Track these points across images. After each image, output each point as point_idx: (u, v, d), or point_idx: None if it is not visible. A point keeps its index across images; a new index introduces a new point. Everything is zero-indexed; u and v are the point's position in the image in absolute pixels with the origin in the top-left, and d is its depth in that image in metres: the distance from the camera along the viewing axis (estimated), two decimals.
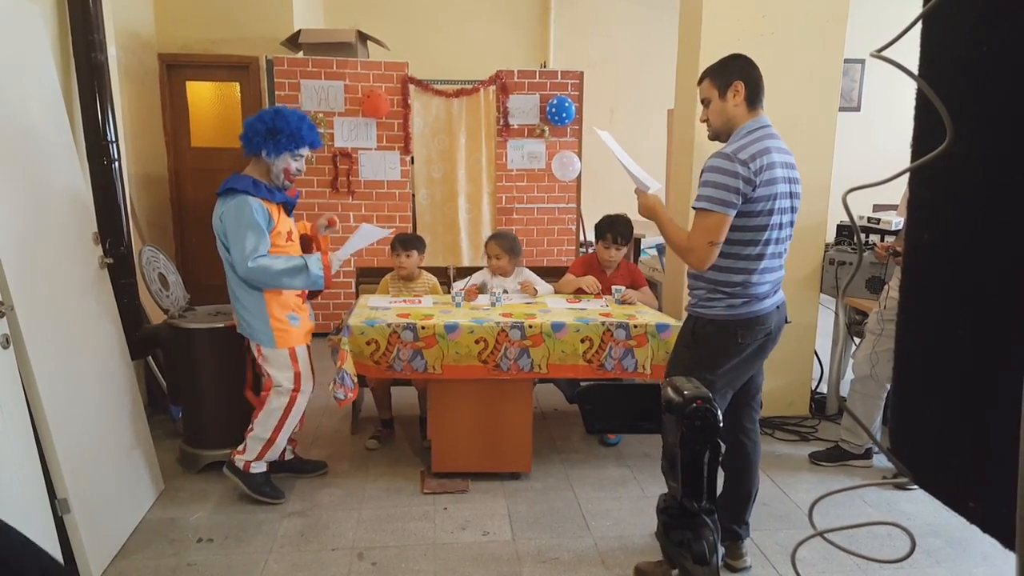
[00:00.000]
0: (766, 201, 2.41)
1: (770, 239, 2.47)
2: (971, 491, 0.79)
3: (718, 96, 2.54)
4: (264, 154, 3.02)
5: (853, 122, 7.17)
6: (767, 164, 2.38)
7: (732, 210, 2.37)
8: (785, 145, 2.55)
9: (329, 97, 5.65)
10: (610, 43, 7.67)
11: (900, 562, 2.80)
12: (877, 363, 3.46)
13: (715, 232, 2.39)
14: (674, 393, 1.04)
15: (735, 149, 2.40)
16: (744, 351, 2.56)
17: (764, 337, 2.57)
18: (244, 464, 3.19)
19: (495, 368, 3.29)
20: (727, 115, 2.53)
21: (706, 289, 2.56)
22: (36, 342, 2.47)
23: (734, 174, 2.35)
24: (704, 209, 2.40)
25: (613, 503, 3.30)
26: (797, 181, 2.55)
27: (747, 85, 2.49)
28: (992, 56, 0.72)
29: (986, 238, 0.75)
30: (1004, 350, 0.72)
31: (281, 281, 2.99)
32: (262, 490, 3.22)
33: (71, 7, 3.48)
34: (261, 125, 2.99)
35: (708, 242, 2.41)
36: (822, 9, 3.89)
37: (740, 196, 2.36)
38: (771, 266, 2.52)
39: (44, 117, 2.92)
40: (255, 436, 3.16)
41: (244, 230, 2.92)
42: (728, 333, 2.53)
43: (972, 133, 0.74)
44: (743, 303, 2.51)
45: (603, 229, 3.97)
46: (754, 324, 2.53)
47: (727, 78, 2.52)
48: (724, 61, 2.57)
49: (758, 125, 2.49)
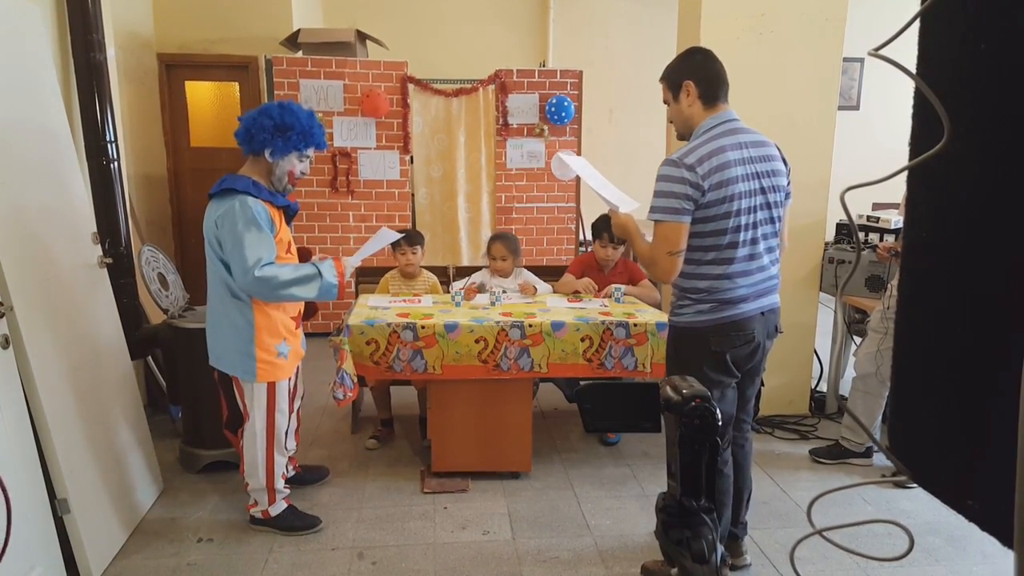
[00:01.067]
0: (720, 204, 2.30)
1: (736, 241, 2.36)
2: (970, 489, 0.79)
3: (672, 98, 2.49)
4: (268, 153, 2.70)
5: (852, 121, 7.17)
6: (718, 165, 2.29)
7: (685, 216, 2.30)
8: (760, 136, 2.45)
9: (328, 97, 5.65)
10: (609, 42, 7.67)
11: (899, 560, 2.81)
12: (883, 362, 3.46)
13: (672, 241, 2.31)
14: (673, 392, 1.04)
15: (682, 154, 2.32)
16: (722, 357, 2.43)
17: (745, 344, 2.44)
18: (262, 513, 2.98)
19: (495, 368, 3.29)
20: (683, 116, 2.47)
21: (676, 296, 2.50)
22: (35, 342, 2.47)
23: (680, 180, 2.28)
24: (657, 220, 2.33)
25: (613, 502, 3.30)
26: (776, 173, 2.42)
27: (698, 83, 2.41)
28: (989, 55, 0.72)
29: (984, 236, 0.75)
30: (1002, 348, 0.72)
31: (291, 291, 2.64)
32: (294, 525, 2.99)
33: (70, 7, 3.48)
34: (268, 121, 2.66)
35: (667, 252, 2.33)
36: (821, 8, 3.89)
37: (691, 201, 2.29)
38: (744, 269, 2.39)
39: (43, 117, 2.92)
40: (254, 488, 2.95)
41: (246, 234, 2.58)
42: (700, 340, 2.43)
43: (969, 131, 0.74)
44: (711, 308, 2.40)
45: (599, 228, 3.98)
46: (728, 330, 2.40)
47: (677, 79, 2.46)
48: (676, 60, 2.52)
49: (716, 122, 2.39)
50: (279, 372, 2.81)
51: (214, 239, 2.66)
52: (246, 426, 2.87)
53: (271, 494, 2.96)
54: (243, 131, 2.72)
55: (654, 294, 3.99)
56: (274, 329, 2.77)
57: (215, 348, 2.81)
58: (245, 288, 2.64)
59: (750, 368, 2.54)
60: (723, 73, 2.43)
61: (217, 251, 2.67)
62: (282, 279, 2.61)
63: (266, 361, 2.75)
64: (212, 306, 2.78)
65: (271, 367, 2.77)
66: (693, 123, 2.45)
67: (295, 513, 3.04)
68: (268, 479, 2.92)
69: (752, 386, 2.66)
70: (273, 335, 2.77)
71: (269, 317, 2.75)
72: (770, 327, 2.52)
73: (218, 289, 2.72)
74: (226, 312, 2.72)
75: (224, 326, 2.74)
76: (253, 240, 2.59)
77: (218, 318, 2.75)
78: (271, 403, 2.82)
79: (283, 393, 2.86)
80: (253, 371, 2.73)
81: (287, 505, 3.04)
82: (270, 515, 2.99)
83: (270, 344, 2.75)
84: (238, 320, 2.71)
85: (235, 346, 2.73)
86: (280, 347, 2.79)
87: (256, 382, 2.76)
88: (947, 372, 0.82)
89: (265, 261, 2.60)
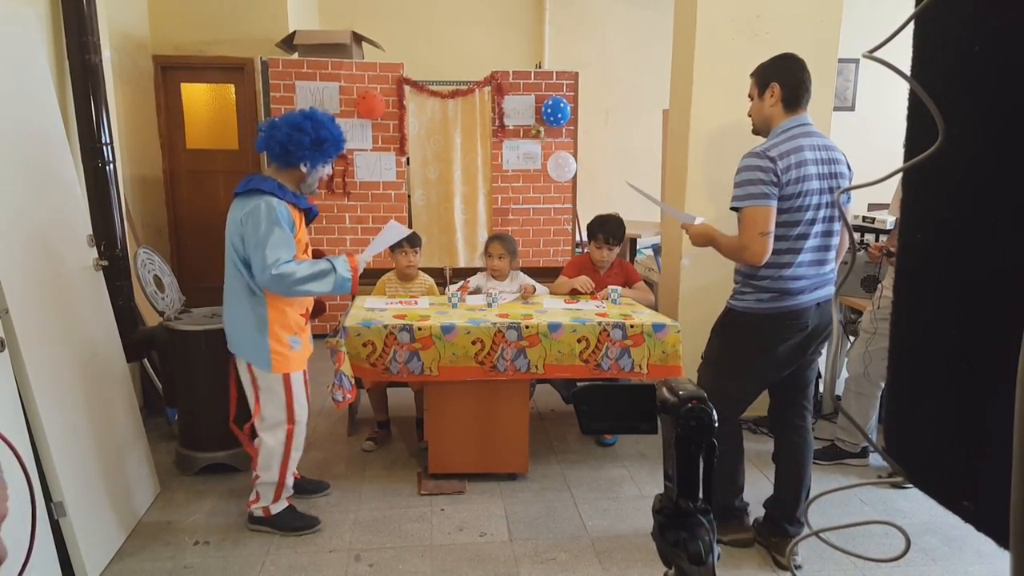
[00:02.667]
0: (795, 198, 2.50)
1: (807, 233, 2.55)
2: (965, 489, 0.79)
3: (757, 95, 2.67)
4: (305, 165, 2.80)
5: (848, 121, 7.18)
6: (796, 162, 2.49)
7: (771, 200, 2.48)
8: (830, 142, 2.63)
9: (324, 98, 5.64)
10: (605, 44, 7.67)
11: (896, 561, 2.81)
12: (871, 362, 3.47)
13: (762, 223, 2.49)
14: (669, 393, 1.04)
15: (766, 147, 2.53)
16: (772, 346, 2.62)
17: (798, 333, 2.61)
18: (264, 511, 2.99)
19: (492, 369, 3.29)
20: (764, 114, 2.66)
21: (740, 282, 2.69)
22: (31, 345, 2.47)
23: (763, 169, 2.48)
24: (744, 207, 2.52)
25: (610, 503, 3.30)
26: (841, 176, 2.59)
27: (783, 87, 2.58)
28: (983, 56, 0.73)
29: (978, 237, 0.75)
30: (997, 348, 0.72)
31: (306, 287, 2.72)
32: (294, 526, 3.01)
33: (65, 10, 3.48)
34: (304, 136, 2.75)
35: (758, 233, 2.49)
36: (816, 9, 3.90)
37: (774, 187, 2.48)
38: (806, 260, 2.58)
39: (38, 119, 2.91)
40: (263, 482, 2.95)
41: (269, 234, 2.66)
42: (754, 327, 2.62)
43: (964, 133, 0.74)
44: (771, 297, 2.59)
45: (594, 230, 3.99)
46: (783, 319, 2.59)
47: (766, 79, 2.63)
48: (770, 61, 2.67)
49: (795, 124, 2.59)
50: (292, 364, 2.88)
51: (237, 236, 2.74)
52: (264, 419, 2.90)
53: (279, 490, 2.98)
54: (277, 147, 2.78)
55: (649, 296, 4.00)
56: (286, 323, 2.86)
57: (233, 337, 2.89)
58: (264, 284, 2.72)
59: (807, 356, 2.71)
60: (809, 82, 2.61)
61: (239, 247, 2.75)
62: (298, 275, 2.69)
63: (279, 352, 2.83)
64: (229, 299, 2.87)
65: (285, 358, 2.85)
66: (772, 122, 2.64)
67: (294, 513, 3.05)
68: (282, 473, 2.95)
69: (811, 369, 2.81)
70: (285, 328, 2.85)
71: (282, 313, 2.84)
72: (825, 316, 2.66)
73: (235, 284, 2.81)
74: (241, 306, 2.81)
75: (240, 318, 2.83)
76: (275, 240, 2.68)
77: (234, 310, 2.85)
78: (288, 394, 2.88)
79: (299, 384, 2.93)
80: (268, 362, 2.82)
81: (288, 504, 3.04)
82: (271, 513, 2.99)
83: (283, 336, 2.84)
84: (252, 314, 2.80)
85: (250, 337, 2.82)
86: (292, 339, 2.88)
87: (271, 372, 2.83)
88: (942, 373, 0.82)
89: (283, 260, 2.68)
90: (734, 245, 2.60)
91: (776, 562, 2.81)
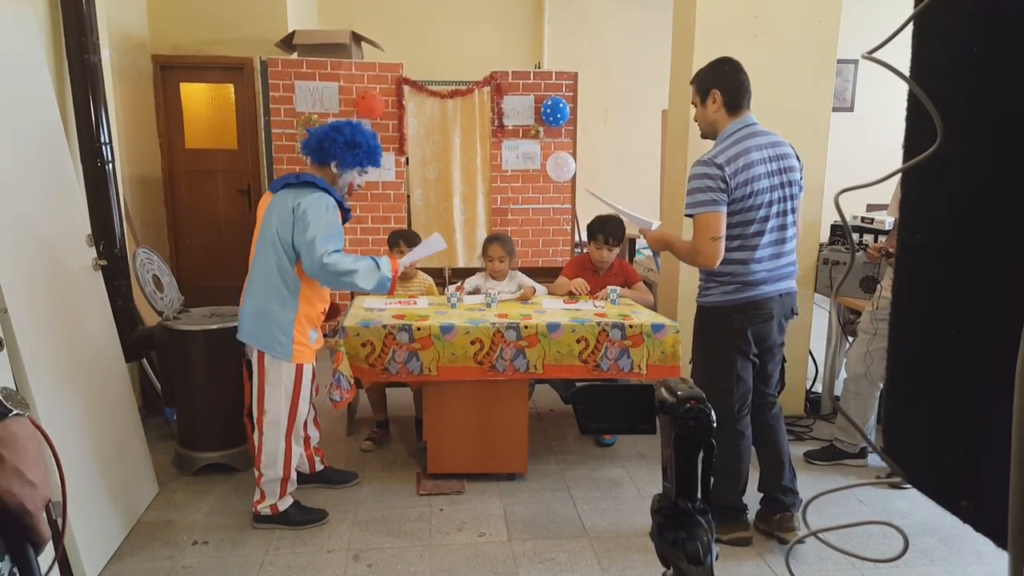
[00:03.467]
0: (745, 199, 2.63)
1: (761, 230, 2.68)
2: (963, 490, 0.79)
3: (700, 103, 2.78)
4: (335, 165, 2.94)
5: (847, 122, 7.19)
6: (744, 165, 2.62)
7: (721, 206, 2.61)
8: (777, 137, 2.76)
9: (323, 98, 5.64)
10: (604, 44, 7.68)
11: (894, 561, 2.81)
12: (872, 363, 3.47)
13: (713, 228, 2.61)
14: (667, 394, 1.04)
15: (713, 155, 2.65)
16: (744, 329, 2.75)
17: (764, 321, 2.76)
18: (271, 508, 3.01)
19: (491, 369, 3.29)
20: (708, 120, 2.78)
21: (703, 280, 2.82)
22: (29, 345, 2.46)
23: (712, 176, 2.60)
24: (696, 213, 2.64)
25: (609, 503, 3.30)
26: (791, 170, 2.73)
27: (724, 92, 2.70)
28: (982, 57, 0.73)
29: (977, 238, 0.75)
30: (995, 350, 0.72)
31: (353, 279, 2.81)
32: (303, 520, 3.06)
33: (64, 9, 3.48)
34: (340, 136, 2.91)
35: (710, 238, 2.61)
36: (815, 9, 3.90)
37: (723, 193, 2.60)
38: (765, 255, 2.71)
39: (37, 119, 2.91)
40: (268, 480, 2.98)
41: (325, 226, 2.78)
42: (724, 317, 2.76)
43: (963, 134, 0.74)
44: (735, 289, 2.72)
45: (594, 230, 4.00)
46: (749, 308, 2.73)
47: (705, 86, 2.74)
48: (706, 68, 2.78)
49: (740, 126, 2.70)
50: (308, 356, 2.97)
51: (284, 224, 2.80)
52: (267, 412, 2.92)
53: (284, 486, 3.01)
54: (314, 143, 2.94)
55: (648, 296, 4.01)
56: (311, 315, 2.95)
57: (255, 326, 2.89)
58: (312, 273, 2.80)
59: (769, 344, 2.86)
60: (747, 83, 2.73)
61: (284, 236, 2.81)
62: (346, 268, 2.79)
63: (301, 343, 2.91)
64: (257, 288, 2.89)
65: (304, 349, 2.93)
66: (717, 127, 2.75)
67: (302, 508, 3.11)
68: (286, 468, 2.98)
69: (773, 362, 2.96)
70: (310, 321, 2.95)
71: (311, 306, 2.94)
72: (786, 308, 2.84)
73: (268, 273, 2.85)
74: (273, 295, 2.86)
75: (267, 308, 2.86)
76: (331, 231, 2.80)
77: (261, 299, 2.87)
78: (297, 386, 2.94)
79: (308, 378, 2.99)
80: (289, 352, 2.88)
81: (293, 501, 3.08)
82: (279, 510, 3.03)
83: (305, 329, 2.93)
84: (284, 304, 2.86)
85: (277, 326, 2.86)
86: (312, 333, 2.98)
87: (289, 362, 2.89)
88: (941, 373, 0.82)
89: (334, 250, 2.79)
90: (688, 249, 2.74)
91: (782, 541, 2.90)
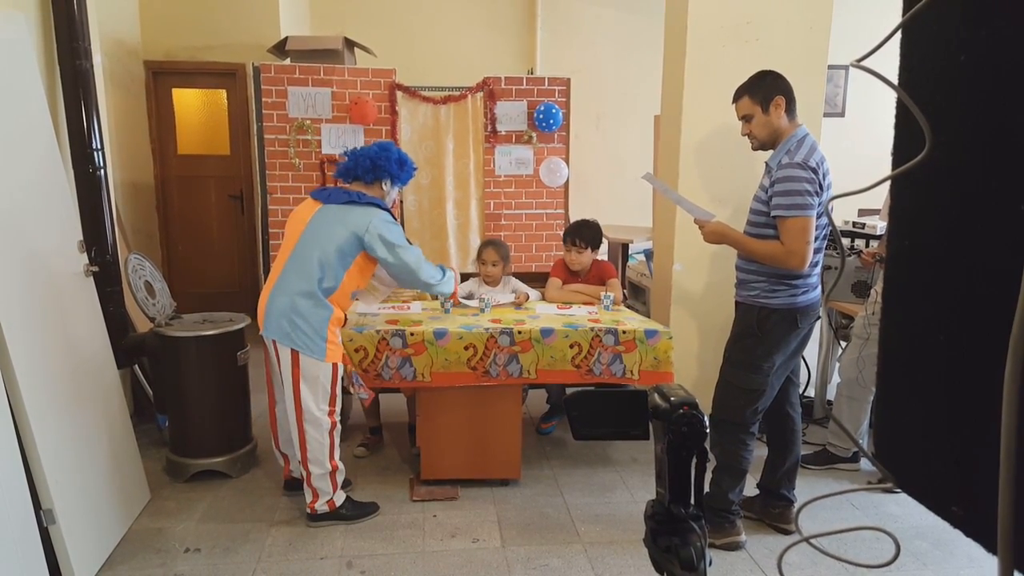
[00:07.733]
0: (822, 204, 2.71)
1: (824, 235, 2.81)
2: (954, 495, 0.80)
3: (761, 111, 2.80)
4: (388, 183, 3.14)
5: (838, 127, 7.22)
6: (827, 170, 2.72)
7: (814, 211, 2.67)
8: None
9: (316, 104, 5.63)
10: (597, 50, 7.69)
11: (886, 566, 2.82)
12: (864, 368, 3.49)
13: (809, 231, 2.67)
14: (661, 399, 1.04)
15: (804, 158, 2.67)
16: (800, 336, 2.87)
17: (815, 322, 2.89)
18: (329, 504, 3.08)
19: (484, 374, 3.29)
20: (772, 127, 2.80)
21: (768, 281, 2.82)
22: (20, 351, 2.45)
23: (809, 180, 2.65)
24: (791, 216, 2.66)
25: (602, 509, 3.30)
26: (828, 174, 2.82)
27: (787, 98, 2.77)
28: (970, 65, 0.73)
29: (965, 245, 0.75)
30: (985, 355, 0.73)
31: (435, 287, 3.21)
32: (363, 512, 3.18)
33: (56, 15, 3.47)
34: (391, 154, 3.13)
35: (806, 242, 2.67)
36: (806, 15, 3.92)
37: (817, 197, 2.66)
38: (819, 259, 2.84)
39: (29, 124, 2.90)
40: (319, 476, 3.04)
41: (401, 237, 3.07)
42: (790, 320, 2.82)
43: (951, 141, 0.75)
44: (803, 292, 2.81)
45: (568, 234, 4.09)
46: (809, 311, 2.84)
47: (767, 94, 2.78)
48: (759, 78, 2.83)
49: (805, 132, 2.79)
50: (338, 355, 3.06)
51: (348, 236, 2.97)
52: (305, 412, 2.97)
53: (334, 476, 3.07)
54: (368, 163, 3.11)
55: (619, 290, 4.06)
56: (339, 318, 3.06)
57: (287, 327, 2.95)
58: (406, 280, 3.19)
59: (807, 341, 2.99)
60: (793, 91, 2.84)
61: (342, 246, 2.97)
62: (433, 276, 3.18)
63: (333, 343, 3.01)
64: (290, 287, 2.97)
65: (336, 348, 3.04)
66: (781, 134, 2.80)
67: (354, 501, 3.20)
68: (332, 460, 3.06)
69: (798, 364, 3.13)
70: (339, 323, 3.07)
71: (341, 309, 3.07)
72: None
73: (311, 275, 2.95)
74: (310, 298, 2.96)
75: (304, 310, 2.95)
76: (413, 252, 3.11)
77: (298, 300, 2.96)
78: (334, 383, 3.02)
79: (339, 374, 3.07)
80: (323, 351, 2.97)
81: (345, 496, 3.16)
82: (336, 505, 3.10)
83: (335, 329, 3.05)
84: (321, 308, 2.97)
85: (312, 326, 2.95)
86: (339, 332, 3.10)
87: (324, 361, 2.97)
88: (931, 379, 0.83)
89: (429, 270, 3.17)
90: (778, 251, 2.72)
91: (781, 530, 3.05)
